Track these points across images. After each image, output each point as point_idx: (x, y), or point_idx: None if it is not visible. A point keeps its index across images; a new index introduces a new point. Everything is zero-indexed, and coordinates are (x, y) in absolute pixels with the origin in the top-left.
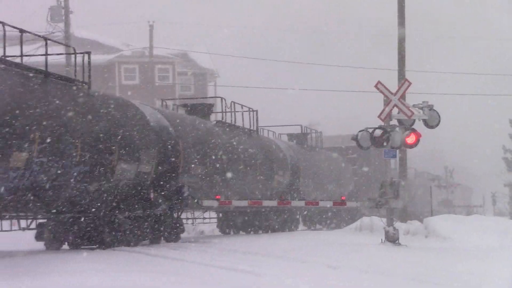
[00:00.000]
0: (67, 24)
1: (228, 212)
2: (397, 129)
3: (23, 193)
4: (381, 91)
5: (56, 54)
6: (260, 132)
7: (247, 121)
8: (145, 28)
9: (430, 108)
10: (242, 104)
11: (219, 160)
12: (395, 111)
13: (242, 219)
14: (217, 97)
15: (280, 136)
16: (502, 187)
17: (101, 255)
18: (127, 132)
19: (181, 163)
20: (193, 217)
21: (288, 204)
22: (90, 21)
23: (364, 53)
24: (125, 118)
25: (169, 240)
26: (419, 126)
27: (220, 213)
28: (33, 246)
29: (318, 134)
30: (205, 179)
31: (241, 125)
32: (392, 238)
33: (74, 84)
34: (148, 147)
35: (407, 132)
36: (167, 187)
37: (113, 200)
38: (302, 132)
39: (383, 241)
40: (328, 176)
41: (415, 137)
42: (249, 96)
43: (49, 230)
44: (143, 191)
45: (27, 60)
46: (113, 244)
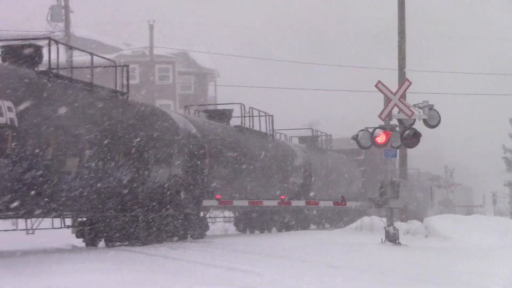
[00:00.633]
0: (67, 24)
1: (245, 212)
2: (397, 129)
3: (74, 195)
4: (381, 91)
5: (102, 57)
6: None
7: (262, 125)
8: (145, 28)
9: (430, 108)
10: (259, 110)
11: (240, 163)
12: (395, 111)
13: (258, 218)
14: (237, 103)
15: (291, 139)
16: (502, 187)
17: (102, 255)
18: (162, 139)
19: (207, 166)
20: (213, 216)
21: (288, 204)
22: (90, 21)
23: (364, 53)
24: (159, 125)
25: (195, 238)
26: (419, 126)
27: (237, 213)
28: (73, 243)
29: (328, 137)
30: (228, 181)
31: (259, 129)
32: (392, 238)
33: (116, 95)
34: (179, 152)
35: (407, 132)
36: (195, 189)
37: (149, 200)
38: (313, 135)
39: (383, 241)
40: (338, 177)
41: (415, 137)
42: (249, 96)
43: (89, 228)
44: (174, 192)
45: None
46: (147, 241)
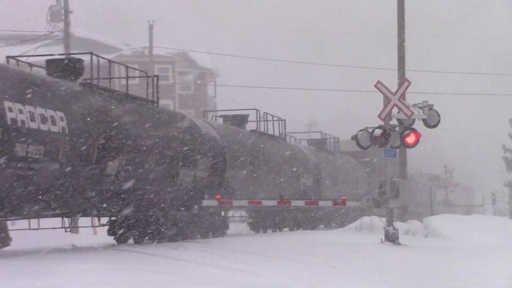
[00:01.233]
0: (67, 24)
1: (259, 212)
2: (397, 129)
3: (113, 195)
4: (381, 91)
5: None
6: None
7: (275, 128)
8: (145, 28)
9: (430, 108)
10: (272, 114)
11: (256, 165)
12: (395, 111)
13: (271, 218)
14: (252, 109)
15: (300, 142)
16: (502, 187)
17: (103, 255)
18: (188, 143)
19: (227, 168)
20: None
21: (288, 204)
22: (90, 21)
23: (364, 53)
24: (186, 131)
25: (216, 236)
26: (419, 126)
27: (252, 212)
28: (106, 240)
29: (336, 140)
30: (246, 181)
31: (272, 133)
32: (392, 238)
33: (147, 103)
34: (203, 155)
35: (407, 132)
36: (217, 190)
37: (176, 201)
38: (322, 138)
39: (383, 241)
40: (346, 178)
41: (415, 137)
42: (249, 96)
43: (119, 226)
44: (199, 193)
45: (28, 59)
46: (173, 238)
